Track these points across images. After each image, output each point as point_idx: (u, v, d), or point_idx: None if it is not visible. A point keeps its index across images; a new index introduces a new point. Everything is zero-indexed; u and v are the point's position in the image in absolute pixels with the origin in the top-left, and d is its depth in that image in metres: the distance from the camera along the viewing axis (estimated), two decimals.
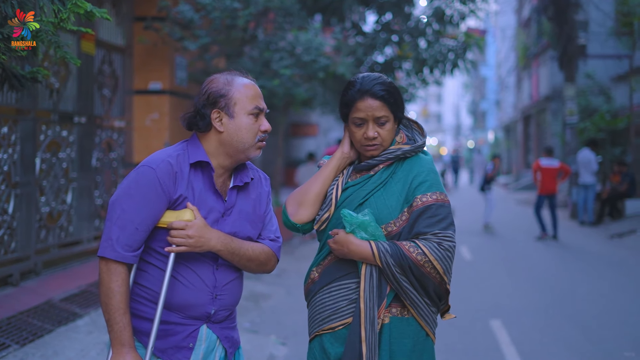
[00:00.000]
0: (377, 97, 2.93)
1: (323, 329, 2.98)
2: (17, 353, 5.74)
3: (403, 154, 2.98)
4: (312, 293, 3.06)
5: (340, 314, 2.93)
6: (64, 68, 8.52)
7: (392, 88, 2.97)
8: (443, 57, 14.36)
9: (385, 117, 2.95)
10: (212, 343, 2.84)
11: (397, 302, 2.90)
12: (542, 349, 6.98)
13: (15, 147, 7.49)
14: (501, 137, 50.28)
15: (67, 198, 8.67)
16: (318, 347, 3.02)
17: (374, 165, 3.01)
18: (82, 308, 7.11)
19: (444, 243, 2.83)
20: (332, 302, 2.96)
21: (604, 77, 23.34)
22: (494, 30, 49.36)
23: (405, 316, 2.90)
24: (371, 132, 2.94)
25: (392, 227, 2.90)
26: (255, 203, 2.96)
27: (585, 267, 11.76)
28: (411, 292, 2.85)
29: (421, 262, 2.79)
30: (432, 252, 2.80)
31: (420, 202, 2.88)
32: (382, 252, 2.82)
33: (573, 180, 18.96)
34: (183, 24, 10.45)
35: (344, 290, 2.94)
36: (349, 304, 2.92)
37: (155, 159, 2.77)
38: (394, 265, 2.81)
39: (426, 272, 2.81)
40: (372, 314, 2.84)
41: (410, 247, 2.81)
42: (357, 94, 2.95)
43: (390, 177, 2.97)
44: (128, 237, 2.68)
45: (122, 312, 2.66)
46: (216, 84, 2.83)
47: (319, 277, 3.03)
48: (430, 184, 2.92)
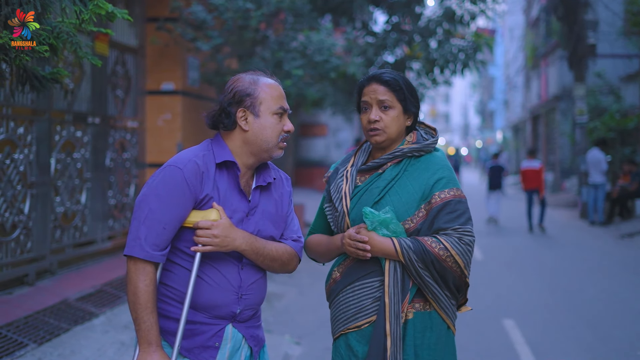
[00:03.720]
0: (382, 82, 3.02)
1: (348, 327, 3.02)
2: (35, 352, 5.79)
3: (411, 151, 3.03)
4: (335, 293, 3.10)
5: (366, 312, 2.97)
6: (78, 69, 8.57)
7: (401, 79, 3.05)
8: (453, 57, 14.38)
9: (389, 102, 3.01)
10: (238, 342, 2.86)
11: (419, 297, 2.95)
12: (556, 349, 6.98)
13: (30, 147, 7.55)
14: (509, 137, 50.21)
15: (82, 198, 8.72)
16: (344, 346, 3.04)
17: (381, 164, 3.06)
18: (97, 307, 7.15)
19: (465, 238, 2.90)
20: (356, 300, 3.00)
21: (613, 77, 23.31)
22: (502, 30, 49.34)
23: (428, 310, 2.96)
24: (373, 115, 3.02)
25: (410, 223, 2.95)
26: (278, 203, 2.98)
27: (596, 267, 11.76)
28: (433, 286, 2.91)
29: (443, 257, 2.86)
30: (453, 246, 2.87)
31: (438, 198, 2.94)
32: (404, 248, 2.87)
33: (583, 180, 18.96)
34: (195, 25, 10.48)
35: (368, 288, 2.98)
36: (373, 302, 2.96)
37: (182, 159, 2.79)
38: (417, 261, 2.87)
39: (448, 267, 2.88)
40: (397, 308, 2.89)
41: (432, 243, 2.87)
42: (366, 81, 3.08)
43: (401, 174, 3.01)
44: (156, 236, 2.70)
45: (149, 311, 2.67)
46: (242, 83, 2.85)
47: (340, 277, 3.08)
48: (447, 181, 2.98)
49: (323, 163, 26.27)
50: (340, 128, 27.81)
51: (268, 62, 10.89)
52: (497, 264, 12.13)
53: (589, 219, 17.84)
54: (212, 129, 2.89)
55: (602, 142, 18.43)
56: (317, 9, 13.45)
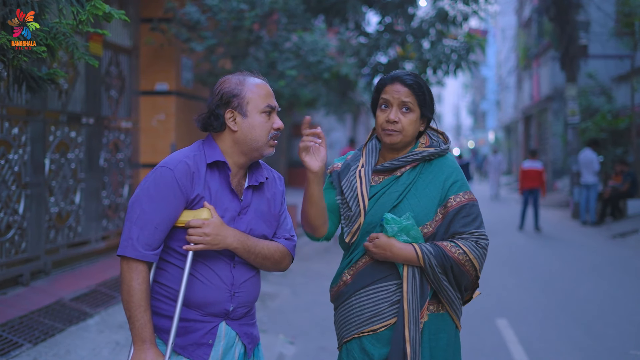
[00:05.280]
0: (406, 84, 3.04)
1: (363, 331, 3.02)
2: (30, 352, 5.80)
3: (429, 155, 3.06)
4: (346, 295, 3.09)
5: (382, 316, 2.99)
6: (72, 69, 8.58)
7: (423, 84, 3.08)
8: (446, 57, 14.42)
9: (411, 105, 3.03)
10: (232, 339, 2.90)
11: (433, 299, 3.00)
12: (548, 348, 7.03)
13: (25, 148, 7.55)
14: (501, 138, 50.32)
15: (76, 198, 8.72)
16: (358, 349, 3.04)
17: (399, 166, 3.07)
18: (92, 307, 7.17)
19: (481, 242, 2.98)
20: (372, 304, 3.01)
21: (605, 77, 23.39)
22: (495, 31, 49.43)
23: (441, 312, 3.01)
24: (393, 115, 3.02)
25: (429, 228, 2.99)
26: (270, 202, 3.01)
27: (588, 267, 11.82)
28: (449, 289, 2.97)
29: (462, 261, 2.92)
30: (472, 251, 2.94)
31: (454, 202, 2.99)
32: (425, 254, 2.91)
33: (575, 180, 19.05)
34: (189, 26, 10.50)
35: (384, 292, 3.00)
36: (390, 306, 2.98)
37: (172, 160, 2.83)
38: (437, 266, 2.91)
39: (465, 270, 2.95)
40: (416, 315, 2.92)
41: (452, 248, 2.93)
42: (389, 79, 3.08)
43: (417, 178, 3.04)
44: (148, 236, 2.74)
45: (143, 310, 2.72)
46: (228, 84, 2.89)
47: (352, 280, 3.07)
48: (461, 184, 3.04)
49: None
50: (333, 128, 27.84)
51: (262, 63, 10.91)
52: (489, 263, 12.11)
53: (581, 219, 17.92)
54: (204, 131, 2.93)
55: (594, 142, 18.53)
56: (311, 9, 13.48)
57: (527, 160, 17.75)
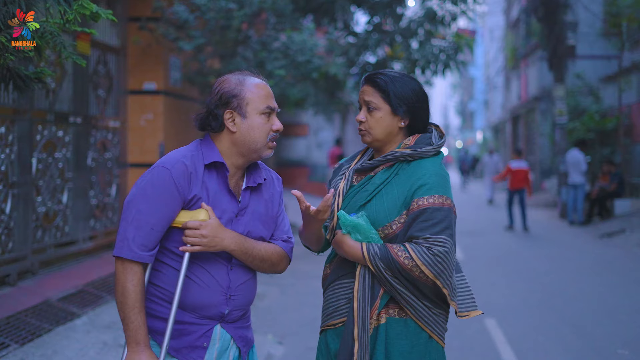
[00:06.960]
0: (371, 83, 3.00)
1: (327, 324, 3.05)
2: (17, 352, 5.76)
3: (403, 156, 2.96)
4: (324, 288, 3.12)
5: (340, 311, 2.98)
6: (59, 68, 8.53)
7: (395, 81, 2.97)
8: (434, 57, 14.44)
9: (374, 104, 2.98)
10: (226, 342, 2.86)
11: (395, 303, 2.90)
12: (537, 348, 7.05)
13: (12, 147, 7.51)
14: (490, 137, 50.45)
15: (63, 198, 8.68)
16: (323, 342, 3.07)
17: (374, 166, 3.02)
18: (79, 308, 7.13)
19: (434, 248, 2.77)
20: (334, 299, 3.02)
21: (593, 78, 23.49)
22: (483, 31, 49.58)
23: (404, 317, 2.90)
24: (359, 115, 3.02)
25: (389, 229, 2.90)
26: (268, 204, 2.98)
27: (576, 267, 11.86)
28: (405, 294, 2.85)
29: (409, 267, 2.78)
30: (419, 256, 2.77)
31: (416, 205, 2.85)
32: (372, 254, 2.84)
33: (562, 180, 19.13)
34: (178, 25, 10.46)
35: (344, 289, 2.99)
36: (346, 303, 2.96)
37: (170, 160, 2.79)
38: (384, 268, 2.82)
39: (416, 277, 2.80)
40: (365, 314, 2.87)
41: (399, 251, 2.80)
42: (362, 82, 3.08)
43: (391, 178, 2.96)
44: (144, 237, 2.70)
45: (137, 311, 2.68)
46: (228, 84, 2.84)
47: (330, 274, 3.09)
48: (429, 187, 2.87)
49: (304, 163, 26.25)
50: (322, 128, 27.83)
51: (250, 62, 10.89)
52: (478, 263, 12.19)
53: (569, 219, 17.99)
54: (201, 130, 2.88)
55: (582, 142, 18.63)
56: (299, 9, 13.46)
57: (514, 160, 17.77)
